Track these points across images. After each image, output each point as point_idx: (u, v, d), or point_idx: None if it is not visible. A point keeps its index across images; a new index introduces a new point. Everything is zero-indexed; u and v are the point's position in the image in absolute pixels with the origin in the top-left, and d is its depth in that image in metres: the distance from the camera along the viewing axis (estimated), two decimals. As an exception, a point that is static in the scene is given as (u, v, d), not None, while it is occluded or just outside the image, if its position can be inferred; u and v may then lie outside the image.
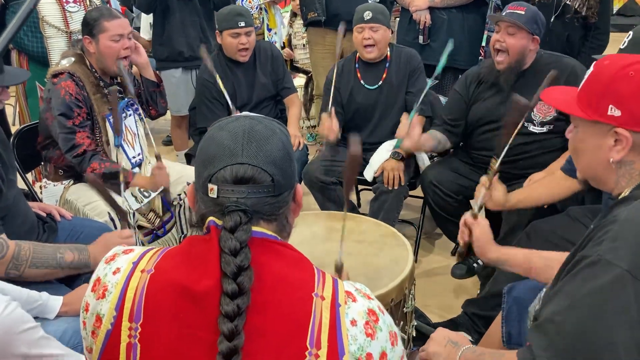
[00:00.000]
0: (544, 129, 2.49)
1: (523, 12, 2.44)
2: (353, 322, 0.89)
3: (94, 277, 0.98)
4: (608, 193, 1.23)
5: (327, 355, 0.86)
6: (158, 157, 2.41)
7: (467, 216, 1.82)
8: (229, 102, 2.75)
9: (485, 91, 2.64)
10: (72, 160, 2.32)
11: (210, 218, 0.93)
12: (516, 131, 1.87)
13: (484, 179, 2.12)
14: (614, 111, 1.12)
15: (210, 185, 0.91)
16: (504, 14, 2.50)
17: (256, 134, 0.94)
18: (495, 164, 1.98)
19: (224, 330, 0.84)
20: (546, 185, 2.23)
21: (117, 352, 0.89)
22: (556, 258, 1.56)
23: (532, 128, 2.51)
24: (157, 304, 0.90)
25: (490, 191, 2.24)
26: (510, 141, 1.87)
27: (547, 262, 1.56)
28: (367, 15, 2.84)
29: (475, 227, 1.76)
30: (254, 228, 0.92)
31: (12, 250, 1.66)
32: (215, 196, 0.91)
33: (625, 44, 1.71)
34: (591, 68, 1.20)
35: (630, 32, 1.74)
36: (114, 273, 0.95)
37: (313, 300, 0.89)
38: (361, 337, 0.89)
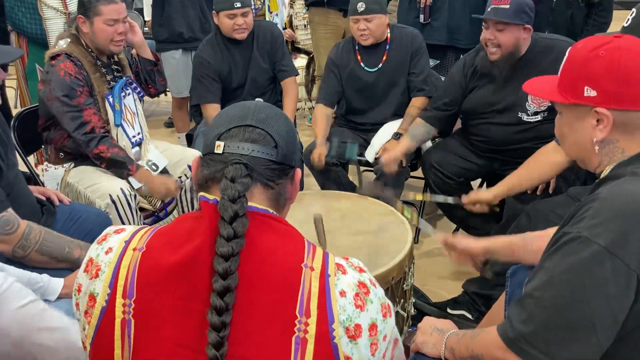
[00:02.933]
0: (538, 117, 2.47)
1: (507, 6, 2.33)
2: (342, 293, 0.91)
3: (86, 258, 1.00)
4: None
5: (316, 323, 0.88)
6: (177, 188, 2.47)
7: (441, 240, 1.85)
8: None
9: (481, 80, 2.61)
10: (80, 138, 2.31)
11: (201, 193, 0.96)
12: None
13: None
14: (589, 92, 1.14)
15: (217, 142, 0.97)
16: (488, 9, 2.40)
17: (267, 110, 1.02)
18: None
19: (219, 269, 0.87)
20: (530, 167, 2.24)
21: (112, 328, 0.91)
22: (534, 234, 1.60)
23: (525, 118, 2.49)
24: (149, 280, 0.92)
25: (477, 205, 2.33)
26: None
27: (524, 239, 1.59)
28: (361, 7, 2.82)
29: (453, 246, 1.79)
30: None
31: (22, 228, 1.67)
32: (220, 152, 0.96)
33: (629, 21, 1.69)
34: (567, 53, 1.22)
35: (634, 10, 1.71)
36: (107, 253, 0.97)
37: (302, 271, 0.91)
38: (350, 308, 0.90)
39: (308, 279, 0.91)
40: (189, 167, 2.66)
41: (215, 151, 0.96)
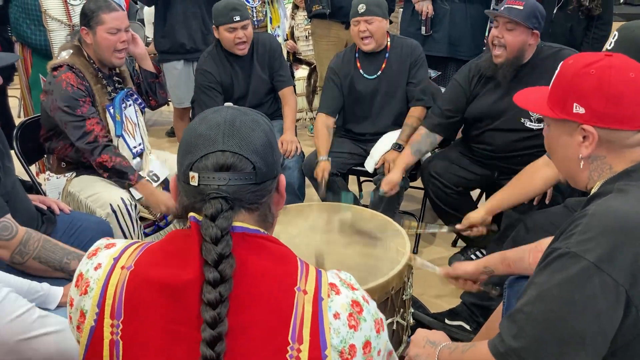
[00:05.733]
0: (541, 125, 2.48)
1: (521, 7, 2.37)
2: (336, 315, 0.89)
3: (77, 271, 0.98)
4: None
5: (309, 349, 0.86)
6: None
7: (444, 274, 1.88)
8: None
9: (485, 86, 2.62)
10: (84, 147, 2.33)
11: (191, 214, 0.92)
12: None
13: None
14: (578, 109, 1.15)
15: (191, 174, 0.91)
16: (502, 8, 2.43)
17: (238, 123, 0.94)
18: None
19: (207, 318, 0.84)
20: (520, 182, 2.25)
21: (101, 348, 0.90)
22: (527, 248, 1.62)
23: (528, 124, 2.49)
24: (137, 300, 0.89)
25: (474, 229, 2.34)
26: None
27: (519, 253, 1.61)
28: (361, 8, 2.85)
29: (458, 272, 1.83)
30: (235, 223, 0.91)
31: (21, 235, 1.68)
32: (196, 184, 0.90)
33: (612, 44, 1.71)
34: (558, 68, 1.22)
35: (616, 33, 1.74)
36: (96, 269, 0.95)
37: (295, 295, 0.89)
38: (344, 330, 0.88)
39: (301, 304, 0.88)
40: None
41: (191, 183, 0.90)
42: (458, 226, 2.38)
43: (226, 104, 2.89)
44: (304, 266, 0.95)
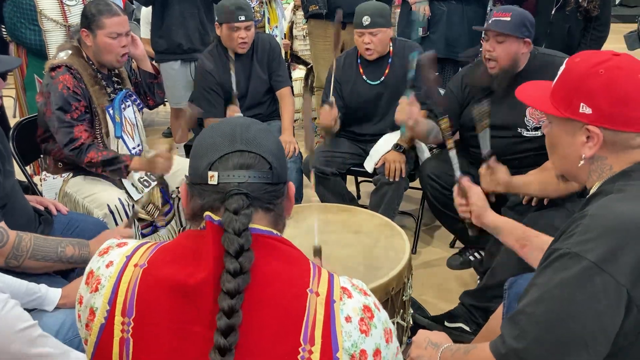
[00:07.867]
0: (538, 133, 2.47)
1: (509, 19, 2.36)
2: (348, 319, 0.89)
3: (87, 269, 0.98)
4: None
5: (320, 351, 0.86)
6: (172, 148, 2.39)
7: (460, 184, 1.82)
8: (234, 87, 2.74)
9: (479, 92, 2.62)
10: (69, 154, 2.33)
11: (207, 213, 0.92)
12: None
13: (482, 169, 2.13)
14: (585, 109, 1.14)
15: (210, 173, 0.93)
16: (489, 22, 2.43)
17: (253, 128, 0.98)
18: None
19: (224, 306, 0.84)
20: (544, 179, 2.23)
21: (110, 346, 0.89)
22: (545, 240, 1.58)
23: (525, 133, 2.49)
24: (150, 299, 0.90)
25: (492, 173, 2.25)
26: None
27: (544, 246, 1.58)
28: (366, 20, 2.82)
29: (472, 192, 1.77)
30: (250, 224, 0.92)
31: (12, 240, 1.67)
32: (215, 183, 0.92)
33: None
34: (563, 65, 1.21)
35: None
36: (107, 266, 0.95)
37: (307, 297, 0.89)
38: (355, 334, 0.88)
39: (313, 306, 0.89)
40: (187, 176, 2.65)
41: (210, 182, 0.92)
42: (489, 163, 2.27)
43: (235, 114, 2.88)
44: (317, 269, 0.95)
